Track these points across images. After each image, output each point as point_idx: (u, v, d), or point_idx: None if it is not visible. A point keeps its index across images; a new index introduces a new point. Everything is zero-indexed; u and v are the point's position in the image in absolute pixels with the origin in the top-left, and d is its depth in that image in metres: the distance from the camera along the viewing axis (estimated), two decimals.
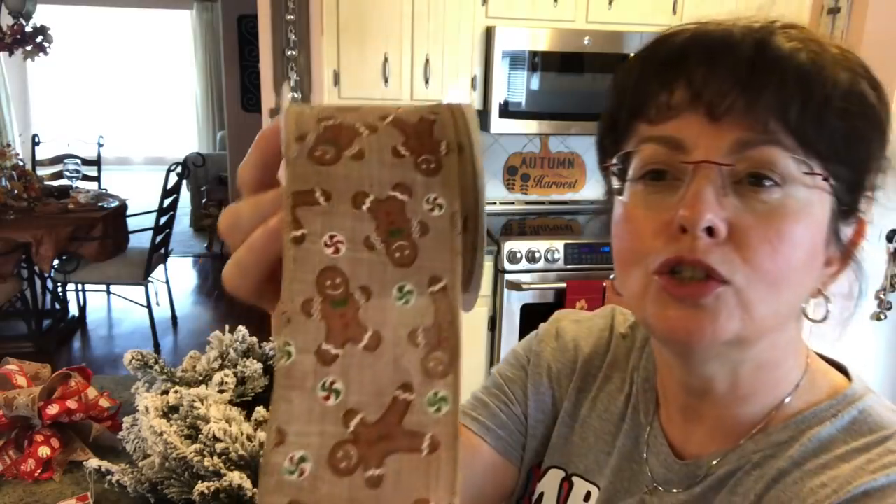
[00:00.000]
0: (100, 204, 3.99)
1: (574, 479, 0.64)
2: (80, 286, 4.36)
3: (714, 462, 0.55)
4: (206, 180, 6.44)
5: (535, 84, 2.83)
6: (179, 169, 4.00)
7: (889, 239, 2.99)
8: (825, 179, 0.47)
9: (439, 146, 0.30)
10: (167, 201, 3.97)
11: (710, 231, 0.45)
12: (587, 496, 0.62)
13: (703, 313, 0.47)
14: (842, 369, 0.58)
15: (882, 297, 3.00)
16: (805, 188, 0.46)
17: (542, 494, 0.65)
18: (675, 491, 0.57)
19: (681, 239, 0.46)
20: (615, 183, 0.52)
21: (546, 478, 0.65)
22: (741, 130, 0.46)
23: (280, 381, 0.29)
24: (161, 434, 1.01)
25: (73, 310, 4.50)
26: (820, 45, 0.48)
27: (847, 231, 0.51)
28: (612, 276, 0.56)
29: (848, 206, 0.50)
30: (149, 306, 3.97)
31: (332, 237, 0.29)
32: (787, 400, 0.54)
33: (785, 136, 0.46)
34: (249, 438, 1.03)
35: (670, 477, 0.58)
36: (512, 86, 2.80)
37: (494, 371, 0.72)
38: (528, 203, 3.38)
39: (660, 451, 0.59)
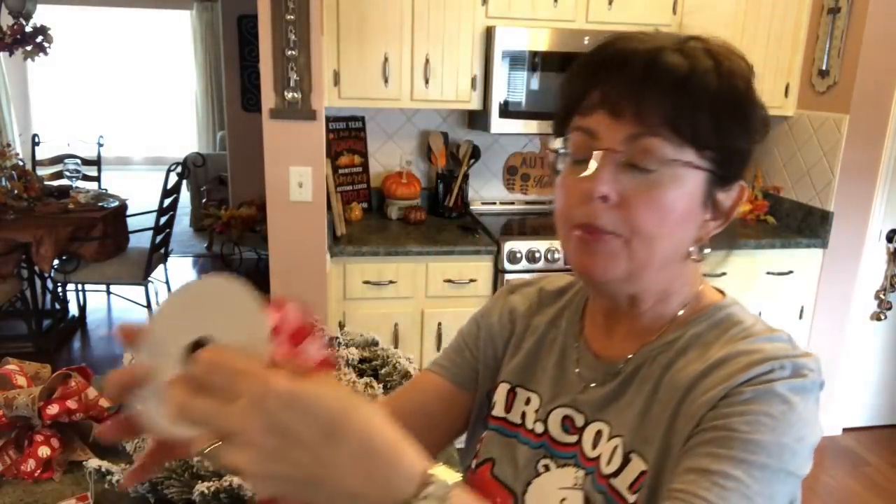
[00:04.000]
0: (100, 204, 4.00)
1: (518, 389, 0.82)
2: (80, 286, 4.37)
3: (622, 363, 0.74)
4: (206, 180, 6.44)
5: (535, 84, 2.83)
6: (179, 169, 4.00)
7: (889, 239, 2.99)
8: (693, 164, 0.64)
9: None
10: (167, 201, 3.97)
11: (606, 198, 0.64)
12: (528, 401, 0.81)
13: (599, 257, 0.67)
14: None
15: (882, 297, 3.00)
16: (678, 167, 0.64)
17: (494, 403, 0.84)
18: (594, 385, 0.75)
19: (587, 204, 0.65)
20: (558, 163, 0.70)
21: (497, 391, 0.84)
22: (633, 126, 0.64)
23: None
24: None
25: (73, 310, 4.51)
26: (700, 59, 0.64)
27: (725, 195, 0.69)
28: None
29: (723, 176, 0.67)
30: (149, 306, 3.97)
31: None
32: (680, 313, 0.73)
33: (664, 130, 0.63)
34: None
35: (595, 376, 0.76)
36: (512, 86, 2.80)
37: (458, 330, 0.94)
38: (527, 203, 3.38)
39: (586, 358, 0.78)
